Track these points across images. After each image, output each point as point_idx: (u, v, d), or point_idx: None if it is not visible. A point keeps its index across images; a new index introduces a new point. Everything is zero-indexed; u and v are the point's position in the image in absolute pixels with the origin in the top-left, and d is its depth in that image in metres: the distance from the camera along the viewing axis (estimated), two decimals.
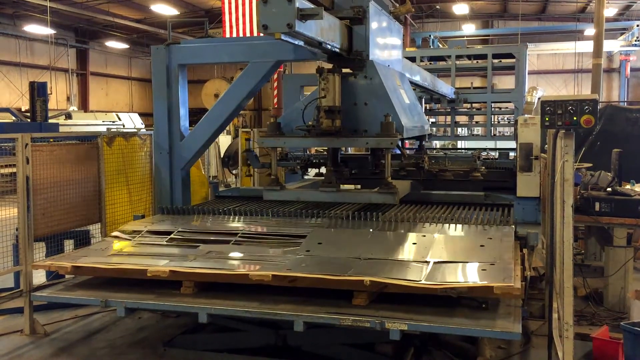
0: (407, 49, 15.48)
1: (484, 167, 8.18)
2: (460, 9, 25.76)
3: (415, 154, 8.43)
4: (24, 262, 5.73)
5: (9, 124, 16.63)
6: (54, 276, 5.93)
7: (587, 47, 22.32)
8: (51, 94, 20.92)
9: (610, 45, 24.98)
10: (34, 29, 24.72)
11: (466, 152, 12.19)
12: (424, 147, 8.66)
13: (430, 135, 10.63)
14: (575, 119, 3.93)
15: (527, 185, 7.26)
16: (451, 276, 4.18)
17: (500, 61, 13.60)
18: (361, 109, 5.94)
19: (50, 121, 16.60)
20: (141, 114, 27.05)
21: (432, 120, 14.84)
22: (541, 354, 5.02)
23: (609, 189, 6.48)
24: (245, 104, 7.48)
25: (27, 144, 5.74)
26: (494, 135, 14.13)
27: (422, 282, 4.06)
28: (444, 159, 9.53)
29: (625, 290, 6.21)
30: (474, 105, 13.96)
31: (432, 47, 21.67)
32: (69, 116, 21.71)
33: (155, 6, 23.82)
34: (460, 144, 17.33)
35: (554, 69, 29.81)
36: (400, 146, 6.22)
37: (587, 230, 7.62)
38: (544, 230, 6.17)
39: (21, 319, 5.91)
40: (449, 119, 13.75)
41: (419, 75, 8.95)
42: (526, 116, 7.97)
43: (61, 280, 5.58)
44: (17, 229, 5.88)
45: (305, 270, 4.40)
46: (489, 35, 29.34)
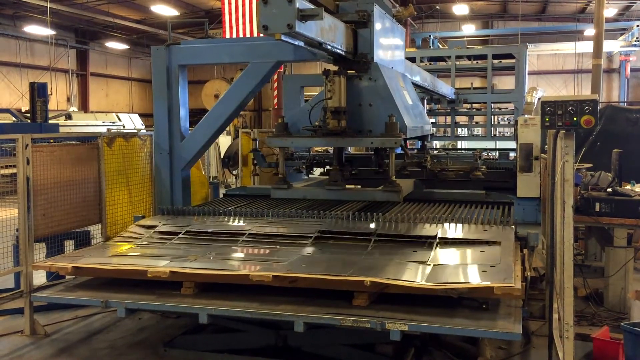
0: (407, 50, 15.40)
1: (484, 167, 8.22)
2: (460, 9, 25.78)
3: (417, 153, 8.54)
4: (25, 263, 5.73)
5: (9, 125, 16.62)
6: (54, 277, 5.92)
7: (587, 47, 22.35)
8: (51, 94, 20.96)
9: (610, 45, 25.00)
10: (34, 29, 24.74)
11: (467, 152, 12.20)
12: (427, 147, 8.76)
13: (431, 135, 10.69)
14: (575, 119, 3.93)
15: (527, 185, 7.28)
16: (451, 277, 4.18)
17: (500, 61, 13.62)
18: (366, 110, 6.08)
19: (50, 122, 16.61)
20: (141, 115, 27.06)
21: (432, 120, 14.83)
22: (542, 354, 5.03)
23: (609, 190, 6.47)
24: (245, 105, 7.48)
25: (27, 145, 5.73)
26: (494, 135, 14.15)
27: (423, 283, 4.06)
28: (445, 159, 9.63)
29: (625, 290, 6.20)
30: (474, 105, 13.98)
31: (432, 47, 21.66)
32: (69, 117, 21.72)
33: (155, 7, 23.83)
34: (460, 145, 17.34)
35: (554, 69, 29.83)
36: (403, 146, 6.37)
37: (588, 230, 7.62)
38: (544, 230, 6.17)
39: (21, 320, 5.90)
40: (449, 119, 13.76)
41: (419, 75, 8.96)
42: (526, 117, 8.00)
43: (61, 280, 5.58)
44: (17, 230, 5.88)
45: (305, 270, 4.41)
46: (489, 35, 29.35)
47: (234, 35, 16.59)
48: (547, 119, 4.02)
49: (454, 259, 4.70)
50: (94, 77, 31.26)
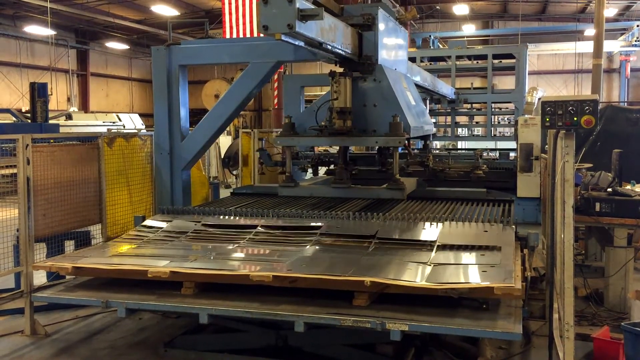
0: (408, 49, 15.46)
1: (485, 166, 8.27)
2: (460, 9, 25.78)
3: (420, 152, 8.66)
4: (25, 263, 5.73)
5: (10, 125, 16.63)
6: (54, 277, 5.92)
7: (587, 47, 22.36)
8: (51, 94, 20.95)
9: (610, 45, 25.00)
10: (34, 29, 24.75)
11: (468, 152, 12.21)
12: (429, 146, 8.89)
13: (433, 135, 10.77)
14: (575, 119, 3.93)
15: (527, 185, 7.28)
16: (452, 277, 4.18)
17: (500, 61, 13.61)
18: (370, 110, 6.26)
19: (50, 122, 16.63)
20: (141, 115, 27.08)
21: (432, 120, 14.83)
22: (542, 354, 5.03)
23: (610, 190, 6.47)
24: (245, 105, 7.49)
25: (27, 145, 5.74)
26: (494, 135, 14.13)
27: (423, 283, 4.06)
28: (447, 158, 9.70)
29: (625, 290, 6.20)
30: (474, 105, 13.96)
31: (432, 47, 21.64)
32: (69, 117, 21.74)
33: (155, 7, 23.84)
34: (460, 145, 17.33)
35: (554, 69, 29.83)
36: (406, 145, 6.58)
37: (588, 230, 7.62)
38: (545, 230, 6.17)
39: (22, 320, 5.91)
40: (449, 119, 13.75)
41: (419, 75, 8.97)
42: (526, 117, 8.00)
43: (62, 281, 5.57)
44: (17, 230, 5.88)
45: (305, 270, 4.41)
46: (489, 35, 29.36)
47: (234, 35, 16.59)
48: (548, 119, 4.02)
49: (454, 259, 4.70)
50: (94, 77, 31.27)
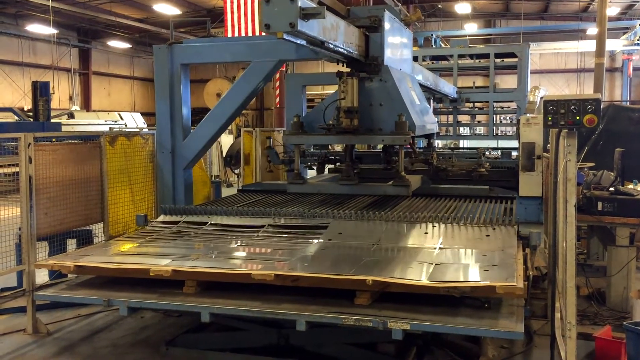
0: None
1: (488, 164, 8.33)
2: (462, 8, 25.72)
3: (424, 151, 8.73)
4: (27, 262, 5.73)
5: (12, 124, 16.68)
6: (56, 275, 5.94)
7: (590, 46, 22.27)
8: (54, 93, 20.93)
9: (612, 44, 24.90)
10: (36, 28, 24.75)
11: (471, 150, 12.20)
12: (433, 145, 8.97)
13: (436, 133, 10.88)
14: (578, 118, 3.92)
15: (529, 184, 7.27)
16: (454, 276, 4.18)
17: (502, 60, 13.56)
18: (376, 109, 6.43)
19: (52, 121, 16.67)
20: (143, 114, 27.08)
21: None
22: (544, 353, 5.02)
23: (612, 189, 6.47)
24: (247, 104, 7.49)
25: (29, 144, 5.74)
26: (496, 134, 14.10)
27: (425, 282, 4.06)
28: (451, 156, 9.77)
29: (627, 290, 6.20)
30: (476, 104, 13.94)
31: (434, 46, 21.64)
32: (71, 116, 21.76)
33: (157, 6, 23.82)
34: (462, 144, 17.30)
35: (556, 68, 29.76)
36: (411, 143, 6.73)
37: (590, 229, 7.61)
38: (547, 229, 6.16)
39: (24, 318, 5.92)
40: (451, 118, 13.73)
41: (421, 74, 8.98)
42: (528, 115, 7.98)
43: (64, 279, 5.58)
44: (19, 229, 5.89)
45: (307, 269, 4.41)
46: (491, 34, 29.30)
47: (236, 34, 16.57)
48: (550, 118, 4.01)
49: (456, 258, 4.70)
50: (96, 76, 31.27)
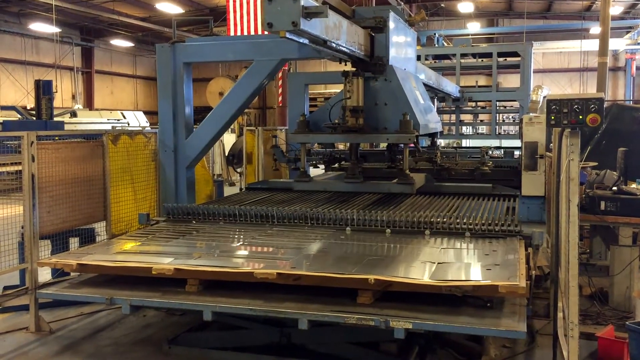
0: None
1: (491, 162, 8.38)
2: (465, 7, 25.67)
3: (428, 149, 8.78)
4: (30, 260, 5.75)
5: (15, 122, 16.72)
6: (59, 274, 5.95)
7: (593, 45, 22.19)
8: (56, 92, 20.91)
9: (615, 43, 24.85)
10: (39, 27, 24.77)
11: (475, 149, 12.21)
12: (437, 144, 9.00)
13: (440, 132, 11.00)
14: (581, 117, 3.92)
15: (532, 184, 7.28)
16: (456, 275, 4.18)
17: (505, 59, 13.56)
18: (381, 109, 6.52)
19: (55, 119, 16.69)
20: (146, 112, 27.11)
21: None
22: (546, 353, 5.02)
23: (615, 188, 6.45)
24: (250, 103, 7.50)
25: (32, 142, 5.75)
26: (499, 134, 14.09)
27: (427, 280, 4.06)
28: (454, 155, 9.81)
29: (630, 289, 6.18)
30: (479, 103, 13.94)
31: (437, 45, 21.58)
32: (74, 114, 21.77)
33: (160, 4, 23.83)
34: (464, 143, 17.29)
35: (559, 67, 29.72)
36: (415, 142, 6.84)
37: (593, 229, 7.59)
38: (549, 229, 6.16)
39: (27, 317, 5.93)
40: (453, 117, 13.73)
41: (424, 73, 8.98)
42: (531, 115, 7.97)
43: (66, 277, 5.60)
44: (22, 227, 5.90)
45: (309, 268, 4.41)
46: (494, 33, 29.27)
47: (239, 32, 16.58)
48: (553, 117, 4.01)
49: (458, 257, 4.70)
50: (98, 75, 31.31)
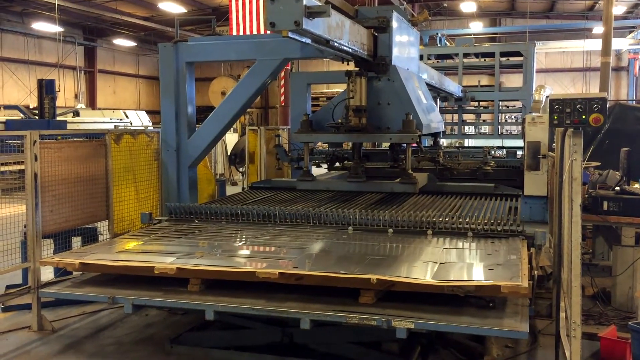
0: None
1: (493, 162, 8.39)
2: (467, 6, 25.63)
3: (430, 149, 8.78)
4: (32, 259, 5.75)
5: (18, 121, 16.74)
6: (61, 273, 5.95)
7: (596, 45, 22.17)
8: (59, 91, 20.98)
9: (618, 43, 24.80)
10: (42, 26, 24.81)
11: (477, 149, 12.21)
12: (439, 143, 9.03)
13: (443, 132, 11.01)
14: (584, 117, 3.91)
15: (534, 183, 7.24)
16: (458, 275, 4.18)
17: (508, 59, 13.52)
18: (384, 109, 6.51)
19: (58, 119, 16.69)
20: (148, 112, 27.13)
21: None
22: (548, 353, 5.01)
23: (617, 188, 6.44)
24: (252, 102, 7.50)
25: (35, 142, 5.76)
26: (502, 133, 14.06)
27: (429, 280, 4.06)
28: (457, 154, 9.82)
29: (633, 289, 6.17)
30: (482, 103, 13.90)
31: (439, 45, 21.55)
32: (76, 114, 21.80)
33: (162, 4, 23.84)
34: (467, 143, 17.27)
35: (562, 67, 29.67)
36: (418, 142, 6.87)
37: (595, 229, 7.58)
38: (552, 229, 6.15)
39: (29, 316, 5.94)
40: (456, 117, 13.71)
41: (426, 73, 8.96)
42: (534, 114, 7.94)
43: (69, 277, 5.61)
44: (25, 226, 5.91)
45: (311, 268, 4.41)
46: (496, 33, 29.22)
47: (241, 32, 16.59)
48: (556, 117, 4.00)
49: (461, 257, 4.70)
50: (101, 74, 31.35)
